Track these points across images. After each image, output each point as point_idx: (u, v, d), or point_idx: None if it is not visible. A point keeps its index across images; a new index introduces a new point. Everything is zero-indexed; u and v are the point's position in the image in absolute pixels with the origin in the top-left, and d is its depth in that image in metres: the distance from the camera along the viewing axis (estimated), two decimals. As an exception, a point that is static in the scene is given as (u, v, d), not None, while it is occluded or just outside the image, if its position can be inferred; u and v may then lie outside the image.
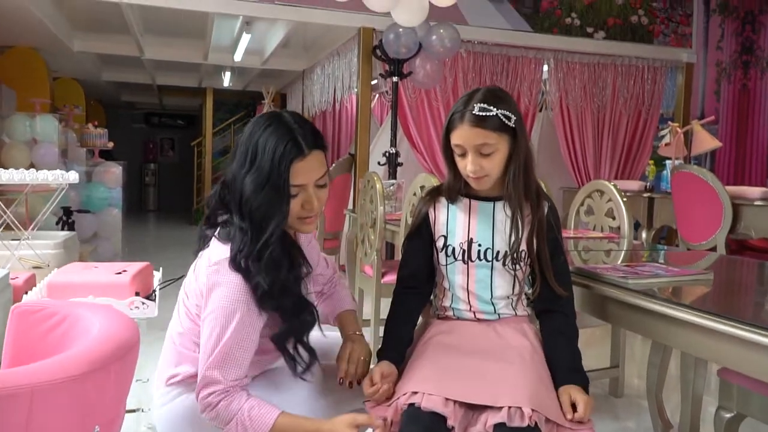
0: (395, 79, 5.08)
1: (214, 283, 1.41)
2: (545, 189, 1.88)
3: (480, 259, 1.61)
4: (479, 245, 1.61)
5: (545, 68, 5.96)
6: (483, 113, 1.51)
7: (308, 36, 6.85)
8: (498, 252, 1.60)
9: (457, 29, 4.95)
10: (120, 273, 2.06)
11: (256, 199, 1.39)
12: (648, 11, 6.11)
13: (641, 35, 6.14)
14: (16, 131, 5.93)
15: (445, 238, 1.64)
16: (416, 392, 1.40)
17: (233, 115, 12.16)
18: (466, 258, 1.61)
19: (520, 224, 1.57)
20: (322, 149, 1.47)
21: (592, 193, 2.98)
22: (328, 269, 1.82)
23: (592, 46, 5.97)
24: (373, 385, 1.48)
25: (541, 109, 6.55)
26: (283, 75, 8.95)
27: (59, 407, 0.97)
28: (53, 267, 2.99)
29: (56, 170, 3.73)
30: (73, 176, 3.66)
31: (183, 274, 1.71)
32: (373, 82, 6.18)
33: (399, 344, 1.61)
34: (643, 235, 4.92)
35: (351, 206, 5.53)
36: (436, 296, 1.71)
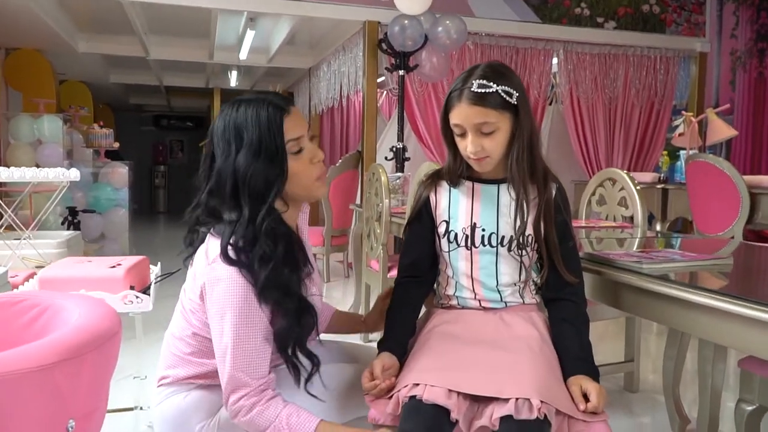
0: (401, 72, 4.99)
1: (215, 280, 1.33)
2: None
3: (484, 245, 1.52)
4: (483, 230, 1.53)
5: (554, 60, 5.86)
6: (482, 90, 1.42)
7: (313, 32, 6.78)
8: (503, 237, 1.51)
9: (464, 21, 4.85)
10: (114, 267, 2.00)
11: (254, 170, 1.33)
12: (660, 0, 5.99)
13: (653, 24, 6.02)
14: (20, 132, 5.92)
15: (447, 223, 1.56)
16: (418, 384, 1.31)
17: (241, 116, 12.08)
18: (469, 244, 1.53)
19: (526, 207, 1.48)
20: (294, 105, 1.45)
21: (603, 181, 2.88)
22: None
23: (602, 36, 5.86)
24: (373, 380, 1.40)
25: (551, 103, 6.45)
26: (289, 73, 8.89)
27: (26, 399, 0.90)
28: (54, 265, 2.93)
29: (58, 168, 3.68)
30: (74, 174, 3.61)
31: (179, 268, 1.65)
32: (380, 80, 6.12)
33: (401, 335, 1.53)
34: (658, 227, 4.81)
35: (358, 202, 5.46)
36: (439, 285, 1.62)
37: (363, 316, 1.79)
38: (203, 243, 1.41)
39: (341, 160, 5.60)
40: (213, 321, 1.34)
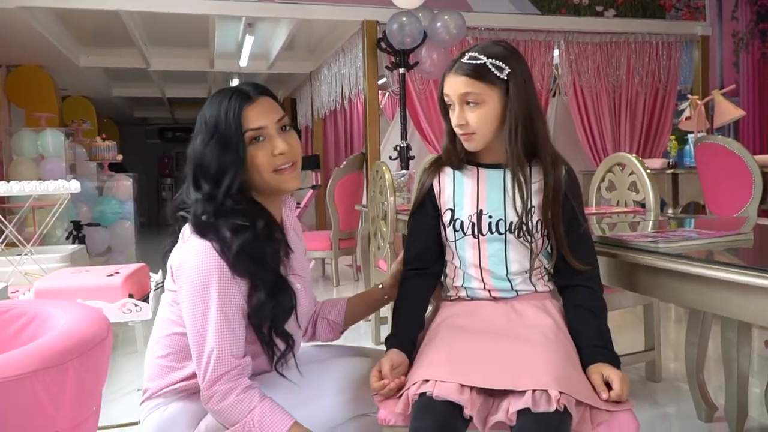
0: (402, 70, 4.94)
1: (183, 257, 1.31)
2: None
3: (492, 232, 1.45)
4: (490, 217, 1.45)
5: (555, 51, 5.78)
6: (471, 61, 1.38)
7: (312, 35, 6.74)
8: (511, 223, 1.44)
9: (462, 16, 4.79)
10: (112, 275, 1.94)
11: (208, 153, 1.33)
12: (658, -15, 5.91)
13: (653, 11, 5.94)
14: (23, 147, 5.91)
15: (452, 211, 1.49)
16: (428, 380, 1.24)
17: (245, 125, 12.06)
18: (476, 232, 1.46)
19: (524, 189, 1.41)
20: (272, 97, 1.42)
21: (612, 167, 2.80)
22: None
23: (602, 24, 5.78)
24: (381, 379, 1.33)
25: (555, 95, 6.38)
26: (291, 79, 8.85)
27: (5, 410, 0.84)
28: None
29: (58, 180, 3.64)
30: (74, 185, 3.57)
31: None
32: (382, 81, 6.06)
33: (409, 330, 1.46)
34: (670, 212, 4.72)
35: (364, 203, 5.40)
36: (446, 276, 1.55)
37: (380, 284, 1.70)
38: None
39: (345, 162, 5.55)
40: (187, 299, 1.29)
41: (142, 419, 1.39)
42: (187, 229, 1.34)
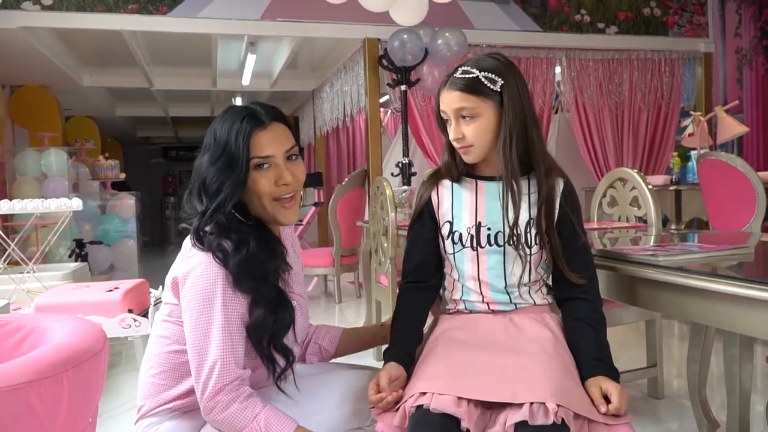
0: (403, 87, 4.96)
1: (190, 268, 1.30)
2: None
3: (491, 245, 1.45)
4: (489, 229, 1.45)
5: (558, 69, 5.80)
6: (464, 75, 1.39)
7: (314, 53, 6.78)
8: (510, 235, 1.44)
9: (464, 33, 4.82)
10: (111, 290, 1.94)
11: (212, 171, 1.33)
12: (660, 2, 5.95)
13: (655, 27, 5.97)
14: (26, 167, 5.94)
15: (451, 224, 1.48)
16: (425, 393, 1.23)
17: (248, 143, 12.09)
18: (474, 244, 1.45)
19: (517, 199, 1.41)
20: (285, 123, 1.39)
21: (614, 182, 2.80)
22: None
23: (604, 41, 5.81)
24: (379, 392, 1.32)
25: (557, 111, 6.39)
26: (293, 97, 8.90)
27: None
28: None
29: (60, 198, 3.66)
30: (76, 203, 3.58)
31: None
32: (384, 99, 6.09)
33: (407, 343, 1.45)
34: (673, 227, 4.71)
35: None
36: (445, 289, 1.54)
37: (380, 323, 1.72)
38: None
39: (347, 179, 5.55)
40: (190, 310, 1.29)
41: None
42: (189, 241, 1.35)
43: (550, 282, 1.52)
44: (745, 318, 1.23)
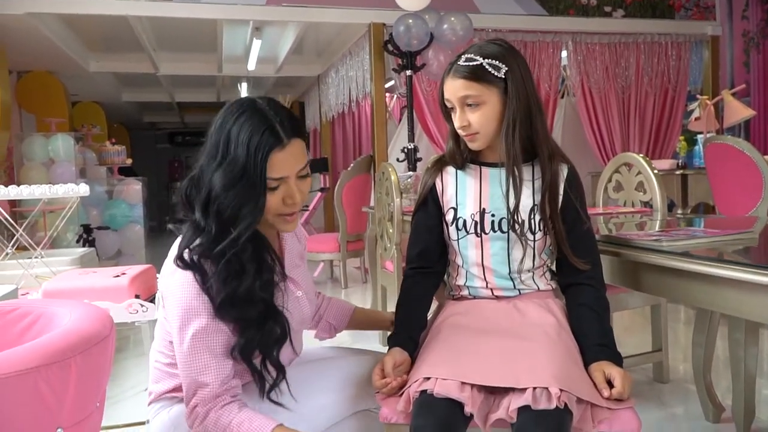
0: (409, 72, 4.94)
1: (168, 286, 1.26)
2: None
3: (494, 231, 1.45)
4: (493, 215, 1.46)
5: (564, 53, 5.77)
6: (467, 63, 1.39)
7: (319, 39, 6.76)
8: (514, 221, 1.44)
9: (469, 17, 4.79)
10: (118, 276, 1.96)
11: (227, 197, 1.21)
12: (667, -15, 5.89)
13: (662, 11, 5.92)
14: (33, 152, 5.96)
15: (455, 210, 1.49)
16: (429, 378, 1.24)
17: (254, 128, 12.09)
18: (479, 230, 1.46)
19: (519, 186, 1.41)
20: (302, 137, 1.29)
21: (619, 167, 2.79)
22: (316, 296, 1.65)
23: (611, 25, 5.77)
24: (384, 377, 1.33)
25: (563, 96, 6.36)
26: (299, 82, 8.88)
27: (8, 405, 0.85)
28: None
29: (68, 184, 3.68)
30: (83, 189, 3.60)
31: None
32: (390, 84, 6.07)
33: (411, 329, 1.46)
34: (679, 212, 4.70)
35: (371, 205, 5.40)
36: (449, 275, 1.55)
37: (390, 315, 1.67)
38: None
39: (353, 164, 5.55)
40: (172, 328, 1.26)
41: (150, 419, 1.40)
42: (174, 252, 1.29)
43: (554, 268, 1.53)
44: (750, 303, 1.23)
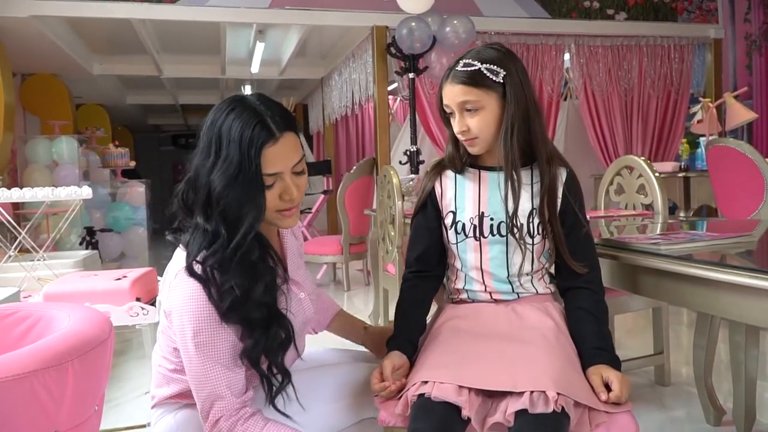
0: (411, 75, 4.95)
1: (173, 300, 1.24)
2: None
3: (493, 234, 1.45)
4: (491, 219, 1.45)
5: (566, 55, 5.77)
6: (466, 68, 1.39)
7: (323, 41, 6.78)
8: (512, 225, 1.44)
9: (472, 20, 4.80)
10: (119, 279, 1.97)
11: (228, 195, 1.20)
12: (670, -12, 5.89)
13: (665, 13, 5.92)
14: (37, 155, 5.98)
15: (454, 214, 1.49)
16: (426, 381, 1.24)
17: (257, 131, 12.12)
18: (477, 234, 1.46)
19: (517, 190, 1.41)
20: (295, 131, 1.27)
21: (621, 170, 2.79)
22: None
23: (613, 28, 5.77)
24: (383, 381, 1.33)
25: (566, 99, 6.36)
26: (302, 85, 8.90)
27: (6, 409, 0.85)
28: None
29: (71, 186, 3.69)
30: (86, 191, 3.61)
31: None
32: (393, 86, 6.08)
33: (410, 332, 1.46)
34: (681, 215, 4.69)
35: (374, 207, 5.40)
36: (448, 279, 1.55)
37: (366, 326, 1.68)
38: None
39: (355, 167, 5.55)
40: (180, 341, 1.24)
41: (152, 422, 1.40)
42: (179, 261, 1.27)
43: (552, 271, 1.53)
44: (747, 307, 1.23)
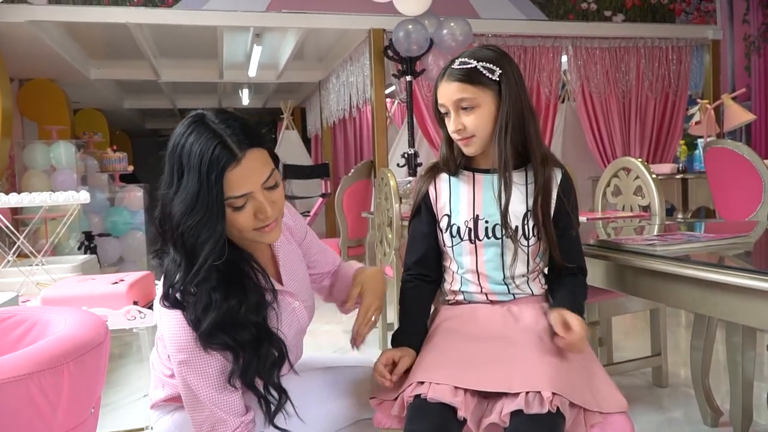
0: (409, 78, 4.96)
1: (162, 326, 1.24)
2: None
3: (488, 237, 1.45)
4: (486, 222, 1.45)
5: (564, 57, 5.78)
6: (462, 66, 1.39)
7: (320, 44, 6.78)
8: (508, 227, 1.44)
9: (469, 23, 4.81)
10: (116, 283, 1.97)
11: (186, 222, 1.13)
12: (667, -11, 5.90)
13: (662, 15, 5.92)
14: (35, 160, 5.98)
15: (449, 217, 1.49)
16: (422, 382, 1.25)
17: (255, 134, 12.13)
18: (473, 237, 1.46)
19: (509, 189, 1.41)
20: (260, 146, 1.19)
21: (617, 172, 2.80)
22: (329, 265, 1.63)
23: (611, 29, 5.77)
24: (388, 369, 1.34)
25: (563, 101, 6.37)
26: (300, 88, 8.91)
27: (1, 412, 0.85)
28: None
29: (69, 191, 3.69)
30: (84, 196, 3.61)
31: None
32: (391, 89, 6.08)
33: (415, 333, 1.46)
34: (679, 216, 4.70)
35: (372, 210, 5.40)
36: (444, 281, 1.55)
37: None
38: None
39: (353, 170, 5.55)
40: (174, 368, 1.23)
41: (152, 423, 1.40)
42: (160, 286, 1.24)
43: (546, 271, 1.54)
44: (743, 307, 1.23)
